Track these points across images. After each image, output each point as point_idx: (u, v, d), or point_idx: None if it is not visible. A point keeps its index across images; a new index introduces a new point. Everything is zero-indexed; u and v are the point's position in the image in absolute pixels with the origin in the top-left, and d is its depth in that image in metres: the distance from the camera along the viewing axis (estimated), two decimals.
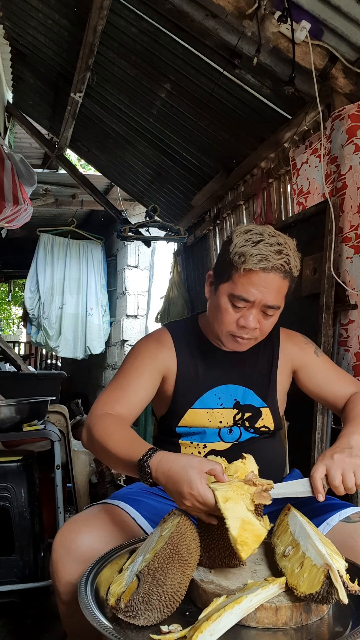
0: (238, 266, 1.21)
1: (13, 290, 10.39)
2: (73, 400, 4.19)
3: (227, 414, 1.36)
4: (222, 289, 1.27)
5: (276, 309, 1.27)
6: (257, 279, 1.21)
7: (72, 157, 6.52)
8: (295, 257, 1.25)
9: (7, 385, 3.15)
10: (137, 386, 1.32)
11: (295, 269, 1.25)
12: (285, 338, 1.46)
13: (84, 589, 0.94)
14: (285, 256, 1.21)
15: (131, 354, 1.39)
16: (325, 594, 0.84)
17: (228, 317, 1.27)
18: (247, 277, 1.22)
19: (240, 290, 1.23)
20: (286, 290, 1.28)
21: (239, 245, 1.22)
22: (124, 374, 1.35)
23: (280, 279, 1.23)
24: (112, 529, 1.19)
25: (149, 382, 1.34)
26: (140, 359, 1.36)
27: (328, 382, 1.41)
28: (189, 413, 1.35)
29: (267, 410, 1.38)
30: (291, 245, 1.25)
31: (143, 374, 1.33)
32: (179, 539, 0.90)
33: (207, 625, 0.76)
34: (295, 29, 1.97)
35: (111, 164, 4.55)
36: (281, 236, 1.25)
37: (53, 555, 1.15)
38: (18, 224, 3.57)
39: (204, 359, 1.39)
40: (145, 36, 2.71)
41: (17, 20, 3.22)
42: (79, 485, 3.05)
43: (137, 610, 0.83)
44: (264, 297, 1.23)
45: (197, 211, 4.00)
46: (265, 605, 0.87)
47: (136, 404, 1.31)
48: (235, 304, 1.25)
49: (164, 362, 1.37)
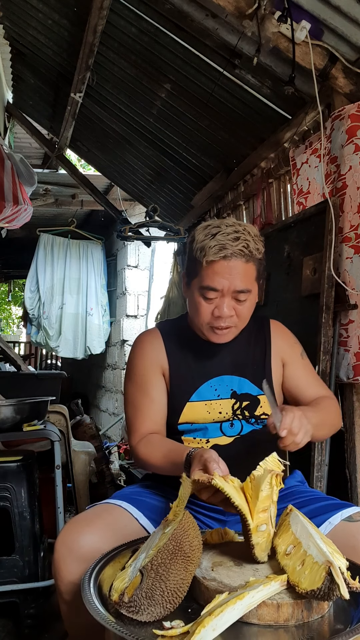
0: (201, 260, 1.29)
1: (13, 290, 10.39)
2: (73, 400, 4.19)
3: (225, 404, 1.39)
4: (193, 284, 1.35)
5: (247, 293, 1.32)
6: (220, 268, 1.28)
7: (72, 157, 6.53)
8: (255, 240, 1.31)
9: (7, 385, 3.14)
10: (152, 399, 1.40)
11: (257, 252, 1.31)
12: (277, 331, 1.51)
13: (87, 585, 0.94)
14: (243, 241, 1.27)
15: (131, 370, 1.47)
16: (326, 590, 0.85)
17: (203, 309, 1.33)
18: (211, 268, 1.28)
19: (208, 282, 1.29)
20: (254, 273, 1.33)
21: (200, 240, 1.30)
22: (135, 388, 1.43)
23: (243, 263, 1.29)
24: (114, 529, 1.19)
25: (159, 386, 1.42)
26: (141, 370, 1.44)
27: (306, 386, 1.47)
28: (188, 407, 1.38)
29: (264, 398, 1.41)
30: (251, 231, 1.31)
31: (151, 383, 1.41)
32: (181, 536, 0.91)
33: (209, 620, 0.77)
34: (295, 29, 1.97)
35: (111, 164, 4.55)
36: (240, 224, 1.32)
37: (55, 555, 1.16)
38: (18, 224, 3.57)
39: (197, 353, 1.43)
40: (145, 36, 2.71)
41: (17, 20, 3.22)
42: (79, 485, 3.05)
43: (140, 605, 0.84)
44: (231, 283, 1.28)
45: (197, 211, 4.00)
46: (267, 602, 0.87)
47: (159, 413, 1.40)
48: (207, 295, 1.31)
49: (159, 361, 1.43)
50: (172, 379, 1.42)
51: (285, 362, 1.48)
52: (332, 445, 2.00)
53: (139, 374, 1.44)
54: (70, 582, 1.14)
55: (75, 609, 1.16)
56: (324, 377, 1.97)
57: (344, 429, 2.04)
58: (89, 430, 3.71)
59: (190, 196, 3.96)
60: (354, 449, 2.00)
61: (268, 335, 1.49)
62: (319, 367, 1.97)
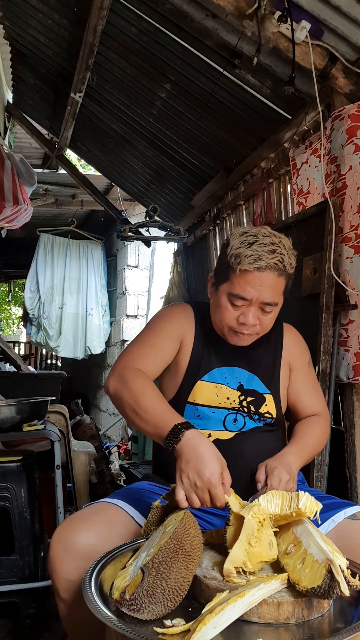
0: (234, 267, 1.29)
1: (13, 290, 10.39)
2: (73, 400, 4.19)
3: (233, 393, 1.41)
4: (221, 289, 1.35)
5: (274, 306, 1.33)
6: (252, 278, 1.28)
7: (72, 157, 6.53)
8: (289, 255, 1.31)
9: (7, 385, 3.14)
10: (162, 345, 1.41)
11: (290, 267, 1.32)
12: (290, 335, 1.53)
13: (89, 584, 0.94)
14: (278, 255, 1.27)
15: (157, 316, 1.49)
16: (327, 587, 0.85)
17: (228, 314, 1.34)
18: (243, 277, 1.28)
19: (238, 290, 1.30)
20: (283, 287, 1.34)
21: (235, 247, 1.29)
22: (150, 332, 1.44)
23: (275, 276, 1.29)
24: (110, 527, 1.20)
25: (172, 345, 1.43)
26: (165, 321, 1.45)
27: (306, 394, 1.50)
28: (198, 385, 1.40)
29: (270, 397, 1.43)
30: (286, 244, 1.31)
31: (168, 335, 1.42)
32: (182, 535, 0.91)
33: (210, 618, 0.77)
34: (295, 29, 1.97)
35: (111, 164, 4.55)
36: (276, 236, 1.31)
37: (51, 553, 1.16)
38: (18, 224, 3.58)
39: (216, 339, 1.45)
40: (145, 36, 2.71)
41: (17, 20, 3.22)
42: (79, 485, 3.05)
43: (142, 603, 0.84)
44: (261, 294, 1.29)
45: (197, 211, 4.00)
46: (268, 601, 0.87)
47: (159, 362, 1.41)
48: (234, 302, 1.32)
49: (185, 330, 1.45)
50: (192, 354, 1.43)
51: (292, 367, 1.49)
52: (332, 445, 2.01)
53: (164, 323, 1.45)
54: (67, 580, 1.14)
55: (72, 607, 1.16)
56: (324, 377, 1.97)
57: (344, 429, 2.04)
58: (89, 430, 3.71)
59: (190, 196, 3.96)
60: (354, 449, 2.00)
61: (280, 338, 1.50)
62: (319, 367, 1.97)
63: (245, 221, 3.28)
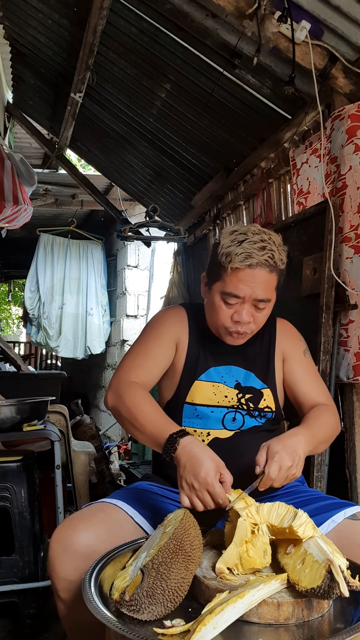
0: (226, 266, 1.30)
1: (13, 290, 10.39)
2: (73, 400, 4.19)
3: (230, 391, 1.41)
4: (214, 288, 1.36)
5: (267, 302, 1.34)
6: (244, 276, 1.29)
7: (72, 157, 6.53)
8: (280, 251, 1.32)
9: (7, 385, 3.15)
10: (158, 353, 1.42)
11: (281, 262, 1.33)
12: (282, 328, 1.54)
13: (88, 584, 0.94)
14: (269, 251, 1.28)
15: (151, 323, 1.50)
16: (326, 587, 0.85)
17: (222, 313, 1.35)
18: (235, 275, 1.29)
19: (231, 288, 1.31)
20: (275, 283, 1.35)
21: (225, 246, 1.30)
22: (145, 341, 1.45)
23: (267, 273, 1.30)
24: (109, 527, 1.20)
25: (168, 350, 1.44)
26: (158, 328, 1.46)
27: (305, 383, 1.47)
28: (196, 385, 1.41)
29: (268, 391, 1.44)
30: (276, 241, 1.32)
31: (162, 342, 1.43)
32: (182, 535, 0.91)
33: (210, 619, 0.77)
34: (295, 29, 1.97)
35: (111, 164, 4.55)
36: (265, 233, 1.32)
37: (50, 553, 1.16)
38: (18, 224, 3.58)
39: (211, 339, 1.45)
40: (145, 36, 2.71)
41: (17, 20, 3.22)
42: (79, 485, 3.05)
43: (141, 604, 0.84)
44: (253, 292, 1.30)
45: (197, 211, 4.00)
46: (268, 601, 0.87)
47: (156, 370, 1.42)
48: (228, 300, 1.33)
49: (179, 333, 1.46)
50: (187, 356, 1.44)
51: (285, 357, 1.49)
52: (332, 445, 2.00)
53: (158, 330, 1.45)
54: (66, 580, 1.15)
55: (71, 607, 1.16)
56: (324, 377, 1.97)
57: (344, 429, 2.04)
58: (89, 430, 3.71)
59: (190, 196, 3.96)
60: (354, 449, 2.00)
61: (274, 332, 1.51)
62: (319, 367, 1.97)
63: (246, 221, 3.28)
